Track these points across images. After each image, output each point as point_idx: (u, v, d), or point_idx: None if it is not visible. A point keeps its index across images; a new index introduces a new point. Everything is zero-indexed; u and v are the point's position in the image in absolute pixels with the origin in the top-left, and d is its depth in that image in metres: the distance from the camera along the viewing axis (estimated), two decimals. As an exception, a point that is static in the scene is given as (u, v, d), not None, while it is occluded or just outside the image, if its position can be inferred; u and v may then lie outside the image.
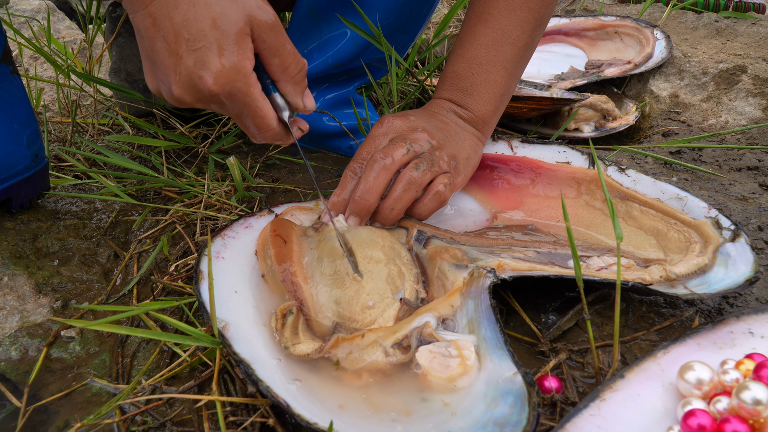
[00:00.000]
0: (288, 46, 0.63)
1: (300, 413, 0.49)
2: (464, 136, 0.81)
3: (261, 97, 0.63)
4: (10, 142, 0.82)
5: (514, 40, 0.81)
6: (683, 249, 0.72)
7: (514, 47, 0.81)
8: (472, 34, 0.82)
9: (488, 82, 0.82)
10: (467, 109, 0.82)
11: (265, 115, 0.64)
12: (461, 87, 0.82)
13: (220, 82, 0.59)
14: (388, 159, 0.73)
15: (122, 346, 0.69)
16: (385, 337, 0.58)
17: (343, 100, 1.11)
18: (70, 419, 0.60)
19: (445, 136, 0.78)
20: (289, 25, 1.07)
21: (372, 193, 0.73)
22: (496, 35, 0.81)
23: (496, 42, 0.81)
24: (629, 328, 0.67)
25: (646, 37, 1.53)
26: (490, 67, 0.81)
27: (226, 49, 0.58)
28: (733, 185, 0.98)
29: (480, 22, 0.82)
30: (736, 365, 0.53)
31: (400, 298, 0.65)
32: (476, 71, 0.81)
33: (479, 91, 0.82)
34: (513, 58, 0.82)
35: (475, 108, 0.82)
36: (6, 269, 0.77)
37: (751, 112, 1.26)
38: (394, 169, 0.73)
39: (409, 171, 0.73)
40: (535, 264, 0.68)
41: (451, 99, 0.83)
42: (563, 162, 0.84)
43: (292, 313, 0.62)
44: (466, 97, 0.82)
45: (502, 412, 0.50)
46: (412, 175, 0.72)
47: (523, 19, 0.80)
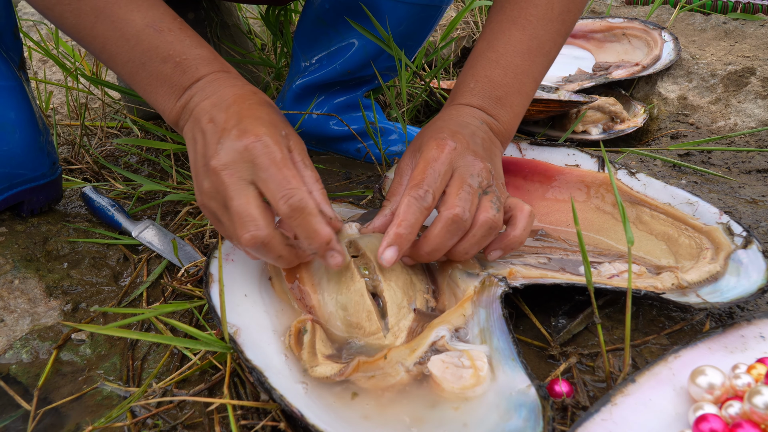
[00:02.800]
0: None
1: (314, 423, 0.49)
2: (495, 152, 0.73)
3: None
4: (33, 146, 0.83)
5: (547, 52, 0.77)
6: (694, 255, 0.72)
7: (546, 59, 0.77)
8: (507, 39, 0.76)
9: (520, 94, 0.76)
10: (498, 121, 0.75)
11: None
12: (494, 95, 0.75)
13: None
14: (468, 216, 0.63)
15: (133, 348, 0.69)
16: (406, 357, 0.58)
17: (351, 104, 1.11)
18: (81, 422, 0.60)
19: (491, 157, 0.70)
20: (297, 30, 1.07)
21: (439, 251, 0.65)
22: (533, 45, 0.75)
23: (532, 52, 0.75)
24: (640, 331, 0.67)
25: (653, 38, 1.53)
26: (524, 77, 0.75)
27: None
28: (743, 188, 0.98)
29: (516, 27, 0.76)
30: (747, 369, 0.53)
31: (414, 308, 0.64)
32: (511, 80, 0.75)
33: (511, 102, 0.75)
34: (543, 71, 0.78)
35: (505, 120, 0.75)
36: (17, 272, 0.77)
37: (760, 114, 1.25)
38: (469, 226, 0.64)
39: (487, 213, 0.64)
40: (547, 271, 0.67)
41: (482, 108, 0.75)
42: (572, 165, 0.84)
43: (307, 330, 0.61)
44: (499, 107, 0.75)
45: (515, 425, 0.49)
46: (493, 218, 0.64)
47: (557, 32, 0.76)
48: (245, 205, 0.58)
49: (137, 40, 0.64)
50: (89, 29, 0.64)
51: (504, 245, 0.67)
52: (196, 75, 0.65)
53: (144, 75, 0.65)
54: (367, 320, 0.62)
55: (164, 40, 0.64)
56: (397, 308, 0.63)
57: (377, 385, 0.56)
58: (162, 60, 0.64)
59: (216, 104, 0.63)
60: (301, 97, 1.09)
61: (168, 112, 0.66)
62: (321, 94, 1.09)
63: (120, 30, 0.63)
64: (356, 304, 0.62)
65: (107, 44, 0.64)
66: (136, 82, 0.66)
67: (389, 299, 0.63)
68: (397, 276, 0.66)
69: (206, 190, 0.60)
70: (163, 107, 0.66)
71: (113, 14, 0.63)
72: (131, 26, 0.63)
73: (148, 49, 0.64)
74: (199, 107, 0.64)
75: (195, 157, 0.63)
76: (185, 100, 0.65)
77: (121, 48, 0.64)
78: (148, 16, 0.64)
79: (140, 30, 0.64)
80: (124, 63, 0.65)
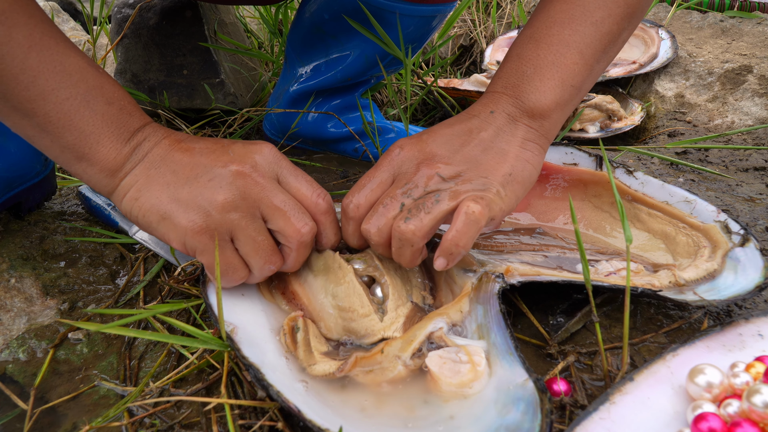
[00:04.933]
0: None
1: (311, 418, 0.49)
2: (508, 144, 0.64)
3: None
4: (30, 147, 0.82)
5: (597, 21, 0.65)
6: (692, 253, 0.72)
7: (596, 30, 0.65)
8: (545, 12, 0.67)
9: (556, 66, 0.64)
10: (522, 101, 0.65)
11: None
12: (522, 72, 0.65)
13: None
14: (373, 230, 0.61)
15: (129, 348, 0.69)
16: (403, 349, 0.58)
17: (348, 105, 1.11)
18: (78, 422, 0.60)
19: (473, 156, 0.63)
20: (290, 34, 1.06)
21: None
22: (576, 12, 0.65)
23: (573, 19, 0.65)
24: (638, 330, 0.67)
25: (651, 36, 1.53)
26: (561, 47, 0.64)
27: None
28: (740, 186, 0.98)
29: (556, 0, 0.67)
30: (746, 368, 0.53)
31: (411, 300, 0.65)
32: (544, 52, 0.65)
33: (543, 76, 0.64)
34: (592, 44, 0.65)
35: (535, 98, 0.64)
36: (13, 271, 0.77)
37: (757, 112, 1.25)
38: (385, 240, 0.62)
39: (397, 223, 0.60)
40: (544, 268, 0.67)
41: (504, 91, 0.66)
42: (570, 163, 0.83)
43: (299, 328, 0.61)
44: (525, 84, 0.65)
45: (514, 419, 0.49)
46: (399, 230, 0.59)
47: (611, 0, 0.65)
48: (291, 200, 0.61)
49: (81, 75, 0.57)
50: (20, 59, 0.54)
51: (441, 251, 0.60)
52: (143, 120, 0.62)
53: (87, 113, 0.57)
54: (359, 303, 0.62)
55: (107, 82, 0.60)
56: (397, 296, 0.64)
57: (375, 380, 0.57)
58: (107, 101, 0.59)
59: (182, 138, 0.62)
60: (297, 102, 1.09)
61: (106, 158, 0.59)
62: (318, 97, 1.09)
63: (61, 64, 0.56)
64: (346, 289, 0.63)
65: (40, 78, 0.55)
66: (72, 125, 0.57)
67: (391, 283, 0.64)
68: (395, 268, 0.66)
69: (227, 201, 0.58)
70: (101, 153, 0.59)
71: (52, 47, 0.56)
72: (74, 61, 0.57)
73: (93, 86, 0.58)
74: (161, 143, 0.61)
75: (187, 179, 0.59)
76: (136, 143, 0.60)
77: (61, 83, 0.56)
78: (85, 56, 0.59)
79: (84, 67, 0.58)
80: (62, 100, 0.56)
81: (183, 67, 1.16)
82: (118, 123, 0.59)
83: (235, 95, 1.18)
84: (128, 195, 0.60)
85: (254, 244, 0.59)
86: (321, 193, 0.64)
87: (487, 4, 1.80)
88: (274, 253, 0.61)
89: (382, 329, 0.61)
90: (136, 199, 0.59)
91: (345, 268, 0.63)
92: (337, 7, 0.96)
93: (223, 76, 1.16)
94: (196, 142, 0.62)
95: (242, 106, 1.21)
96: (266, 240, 0.60)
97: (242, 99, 1.22)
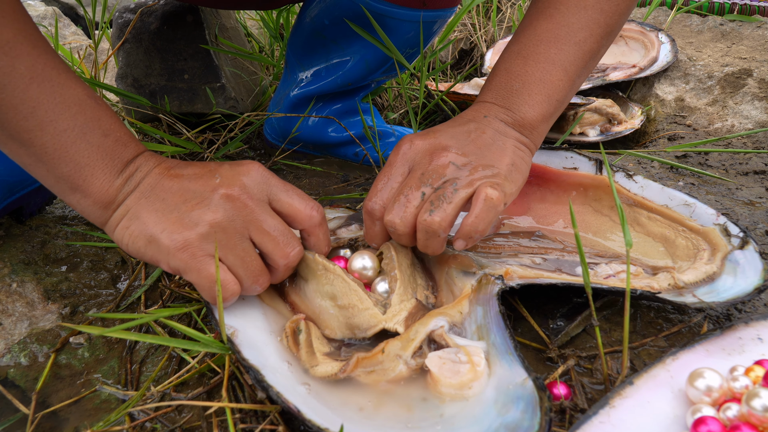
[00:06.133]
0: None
1: (311, 418, 0.49)
2: (504, 143, 0.68)
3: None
4: None
5: (579, 41, 0.70)
6: (691, 256, 0.72)
7: (579, 49, 0.71)
8: (532, 30, 0.72)
9: (543, 83, 0.70)
10: (513, 111, 0.70)
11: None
12: (511, 86, 0.71)
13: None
14: (398, 221, 0.64)
15: (131, 352, 0.69)
16: (404, 348, 0.58)
17: (349, 109, 1.11)
18: (79, 426, 0.60)
19: (478, 148, 0.67)
20: (290, 39, 1.07)
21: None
22: (561, 32, 0.70)
23: (559, 39, 0.70)
24: (637, 334, 0.67)
25: (650, 40, 1.53)
26: (547, 65, 0.70)
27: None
28: (740, 189, 0.98)
29: (542, 18, 0.72)
30: (745, 372, 0.53)
31: (416, 297, 0.65)
32: (531, 68, 0.70)
33: (531, 91, 0.70)
34: (575, 62, 0.71)
35: (524, 110, 0.70)
36: (15, 276, 0.77)
37: (757, 116, 1.26)
38: (410, 230, 0.65)
39: (422, 216, 0.63)
40: (543, 271, 0.68)
41: (494, 102, 0.72)
42: (570, 168, 0.84)
43: (301, 330, 0.62)
44: (514, 97, 0.70)
45: (513, 418, 0.50)
46: (426, 221, 0.62)
47: (593, 21, 0.70)
48: (280, 225, 0.62)
49: (80, 107, 0.58)
50: (20, 90, 0.55)
51: (461, 234, 0.63)
52: (137, 150, 0.62)
53: (83, 146, 0.58)
54: (357, 298, 0.63)
55: (105, 113, 0.60)
56: (403, 290, 0.65)
57: (377, 380, 0.57)
58: (103, 133, 0.59)
59: (172, 165, 0.63)
60: (297, 107, 1.09)
61: (99, 190, 0.59)
62: (319, 102, 1.09)
63: (61, 96, 0.57)
64: (343, 288, 0.63)
65: (39, 109, 0.56)
66: (68, 156, 0.58)
67: (400, 278, 0.65)
68: (407, 266, 0.68)
69: (215, 221, 0.58)
70: (95, 186, 0.59)
71: (53, 79, 0.57)
72: (74, 93, 0.58)
73: (91, 118, 0.59)
74: (152, 172, 0.61)
75: (176, 204, 0.59)
76: (128, 173, 0.60)
77: (60, 115, 0.57)
78: (86, 87, 0.60)
79: (83, 99, 0.59)
80: (60, 132, 0.57)
81: (184, 71, 1.16)
82: (112, 155, 0.60)
83: (235, 99, 1.18)
84: (120, 224, 0.60)
85: (243, 263, 0.60)
86: (314, 205, 0.64)
87: (488, 8, 1.80)
88: (263, 273, 0.61)
89: (384, 320, 0.62)
90: (127, 227, 0.59)
91: (331, 269, 0.64)
92: (337, 12, 0.96)
93: (224, 80, 1.16)
94: (185, 168, 0.62)
95: (243, 110, 1.21)
96: (255, 260, 0.60)
97: (243, 103, 1.22)
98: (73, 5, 2.27)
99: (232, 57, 1.22)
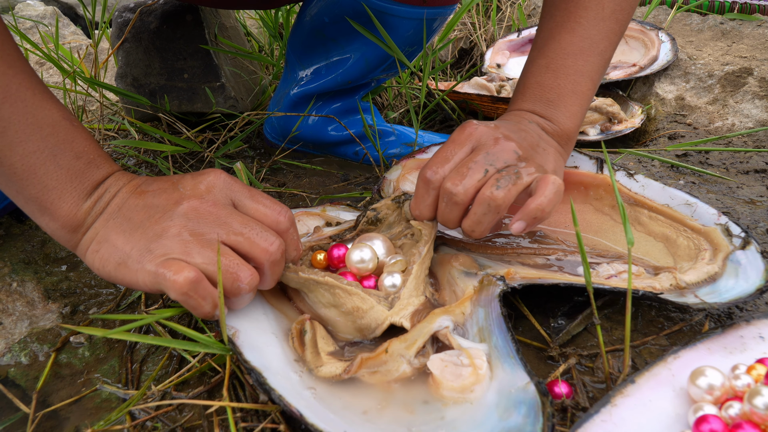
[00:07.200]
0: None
1: (313, 422, 0.49)
2: (547, 149, 0.72)
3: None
4: None
5: (601, 51, 0.76)
6: (692, 256, 0.72)
7: (601, 58, 0.76)
8: (557, 43, 0.76)
9: (576, 94, 0.75)
10: (552, 122, 0.75)
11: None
12: (546, 98, 0.76)
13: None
14: (459, 189, 0.65)
15: (131, 351, 0.69)
16: (408, 347, 0.58)
17: (349, 108, 1.11)
18: (80, 425, 0.60)
19: (532, 147, 0.70)
20: (290, 38, 1.07)
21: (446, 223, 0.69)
22: (585, 45, 0.75)
23: (584, 52, 0.75)
24: (639, 332, 0.67)
25: (651, 39, 1.53)
26: (577, 77, 0.75)
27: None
28: (741, 188, 0.98)
29: (565, 31, 0.76)
30: (747, 370, 0.53)
31: (425, 295, 0.65)
32: (563, 81, 0.75)
33: (566, 102, 0.75)
34: (599, 70, 0.76)
35: (561, 121, 0.75)
36: (15, 275, 0.77)
37: (757, 115, 1.26)
38: (468, 201, 0.66)
39: (488, 189, 0.64)
40: (545, 271, 0.68)
41: (534, 111, 0.76)
42: (571, 166, 0.84)
43: (307, 330, 0.62)
44: (552, 108, 0.75)
45: (515, 422, 0.49)
46: (491, 195, 0.64)
47: (611, 31, 0.75)
48: (249, 222, 0.59)
49: (53, 129, 0.58)
50: None
51: (525, 215, 0.64)
52: (109, 170, 0.61)
53: (52, 168, 0.57)
54: (361, 300, 0.62)
55: (80, 135, 0.60)
56: (415, 285, 0.65)
57: (381, 381, 0.57)
58: (75, 155, 0.59)
59: (139, 183, 0.62)
60: (297, 105, 1.09)
61: (67, 214, 0.59)
62: (319, 101, 1.09)
63: (33, 116, 0.57)
64: (340, 295, 0.63)
65: (10, 129, 0.56)
66: (36, 178, 0.57)
67: (416, 272, 0.65)
68: (426, 265, 0.68)
69: (180, 232, 0.57)
70: (62, 209, 0.59)
71: (27, 99, 0.57)
72: (48, 114, 0.58)
73: (64, 140, 0.58)
74: (120, 192, 0.60)
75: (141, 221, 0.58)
76: (97, 196, 0.60)
77: (31, 136, 0.56)
78: (62, 109, 0.60)
79: (57, 120, 0.58)
80: (29, 153, 0.56)
81: (184, 70, 1.16)
82: (82, 177, 0.59)
83: (235, 99, 1.18)
84: (90, 248, 0.59)
85: (214, 264, 0.56)
86: (281, 210, 0.62)
87: (487, 8, 1.80)
88: (241, 268, 0.57)
89: (390, 315, 0.62)
90: (96, 251, 0.58)
91: (322, 281, 0.63)
92: (337, 11, 0.96)
93: (223, 79, 1.16)
94: (150, 185, 0.61)
95: (243, 109, 1.21)
96: (228, 258, 0.57)
97: (243, 102, 1.22)
98: (73, 5, 2.26)
99: (232, 56, 1.22)
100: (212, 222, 0.58)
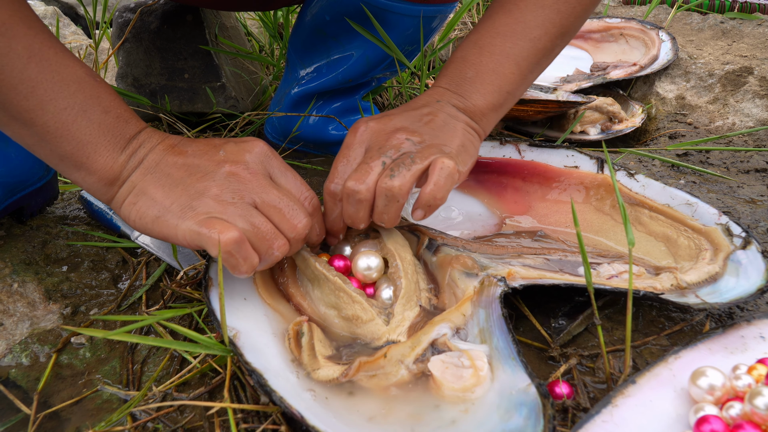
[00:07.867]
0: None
1: (315, 424, 0.49)
2: (455, 126, 0.71)
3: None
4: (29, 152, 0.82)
5: (534, 38, 0.73)
6: (693, 256, 0.72)
7: (532, 45, 0.73)
8: (491, 23, 0.75)
9: (495, 74, 0.73)
10: (464, 98, 0.73)
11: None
12: (465, 75, 0.74)
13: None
14: (362, 187, 0.65)
15: (132, 352, 0.69)
16: (407, 354, 0.58)
17: (350, 107, 1.11)
18: (81, 426, 0.60)
19: (430, 130, 0.70)
20: (291, 37, 1.07)
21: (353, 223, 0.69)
22: (518, 28, 0.73)
23: (515, 34, 0.73)
24: (640, 332, 0.67)
25: (651, 38, 1.53)
26: (501, 58, 0.73)
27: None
28: (742, 188, 0.98)
29: (501, 12, 0.74)
30: (748, 370, 0.53)
31: (420, 305, 0.65)
32: (486, 59, 0.73)
33: (483, 80, 0.73)
34: (528, 57, 0.73)
35: (475, 98, 0.73)
36: (16, 276, 0.77)
37: (758, 114, 1.25)
38: (371, 197, 0.66)
39: (383, 181, 0.64)
40: (545, 272, 0.67)
41: (448, 88, 0.74)
42: (571, 166, 0.84)
43: (304, 332, 0.62)
44: (467, 85, 0.73)
45: (516, 424, 0.49)
46: (387, 186, 0.64)
47: (548, 20, 0.73)
48: (285, 196, 0.62)
49: (79, 85, 0.59)
50: (18, 70, 0.55)
51: (420, 204, 0.66)
52: (139, 126, 0.62)
53: (84, 123, 0.59)
54: (362, 310, 0.63)
55: (105, 91, 0.61)
56: (406, 299, 0.64)
57: (379, 385, 0.57)
58: (104, 110, 0.60)
59: (176, 142, 0.63)
60: (298, 104, 1.09)
61: (103, 167, 0.60)
62: (319, 100, 1.09)
63: (60, 74, 0.57)
64: (344, 299, 0.63)
65: (38, 88, 0.56)
66: (69, 134, 0.58)
67: (404, 287, 0.65)
68: (412, 273, 0.67)
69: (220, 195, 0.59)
70: (98, 163, 0.60)
71: (51, 58, 0.57)
72: (73, 71, 0.58)
73: (91, 96, 0.59)
74: (156, 148, 0.62)
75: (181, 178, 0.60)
76: (132, 150, 0.61)
77: (59, 93, 0.57)
78: (84, 66, 0.60)
79: (82, 77, 0.59)
80: (60, 110, 0.57)
81: (184, 71, 1.16)
82: (114, 131, 0.60)
83: (236, 99, 1.18)
84: (127, 201, 0.60)
85: (253, 229, 0.59)
86: (308, 196, 0.65)
87: (487, 7, 1.80)
88: (276, 237, 0.60)
89: (387, 332, 0.61)
90: (133, 203, 0.60)
91: (332, 279, 0.64)
92: (338, 9, 0.96)
93: (224, 79, 1.16)
94: (189, 145, 0.63)
95: (243, 109, 1.21)
96: (265, 225, 0.59)
97: (243, 102, 1.22)
98: (73, 5, 2.26)
99: (233, 56, 1.22)
100: (251, 189, 0.60)
